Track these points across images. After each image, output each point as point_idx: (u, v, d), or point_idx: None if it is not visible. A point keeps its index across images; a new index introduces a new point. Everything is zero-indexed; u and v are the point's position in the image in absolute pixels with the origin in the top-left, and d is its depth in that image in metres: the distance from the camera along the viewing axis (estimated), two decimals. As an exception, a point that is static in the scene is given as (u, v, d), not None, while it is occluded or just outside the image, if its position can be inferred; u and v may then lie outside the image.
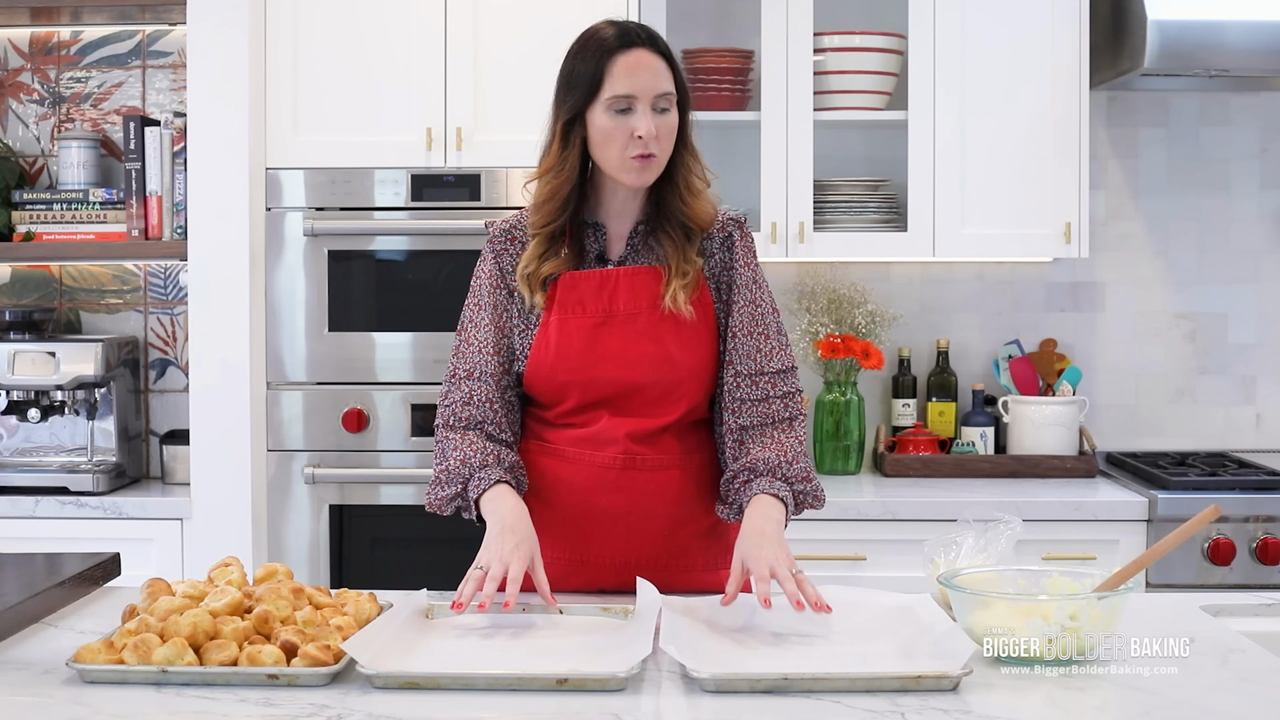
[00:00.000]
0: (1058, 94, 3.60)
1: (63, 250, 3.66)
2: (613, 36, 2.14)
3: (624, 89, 2.11)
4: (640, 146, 2.11)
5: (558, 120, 2.18)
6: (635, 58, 2.12)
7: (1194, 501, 3.29)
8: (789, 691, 1.67)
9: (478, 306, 2.25)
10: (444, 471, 2.18)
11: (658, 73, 2.13)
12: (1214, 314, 3.96)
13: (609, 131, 2.12)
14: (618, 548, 2.21)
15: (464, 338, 2.25)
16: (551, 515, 2.21)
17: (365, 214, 3.51)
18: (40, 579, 2.12)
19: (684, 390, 2.20)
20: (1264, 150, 3.95)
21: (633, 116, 2.11)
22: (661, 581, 2.10)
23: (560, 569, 2.20)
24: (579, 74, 2.14)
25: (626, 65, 2.12)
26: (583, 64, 2.14)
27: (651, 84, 2.12)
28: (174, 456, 3.67)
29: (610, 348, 2.16)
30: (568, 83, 2.17)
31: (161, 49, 3.86)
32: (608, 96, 2.12)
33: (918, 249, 3.64)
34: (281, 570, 1.99)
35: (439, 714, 1.63)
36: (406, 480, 3.51)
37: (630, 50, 2.12)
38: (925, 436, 3.76)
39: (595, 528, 2.20)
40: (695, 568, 2.24)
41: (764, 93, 3.61)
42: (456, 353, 2.24)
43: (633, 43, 2.13)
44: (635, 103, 2.11)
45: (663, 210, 2.21)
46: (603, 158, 2.15)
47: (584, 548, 2.21)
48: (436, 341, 3.50)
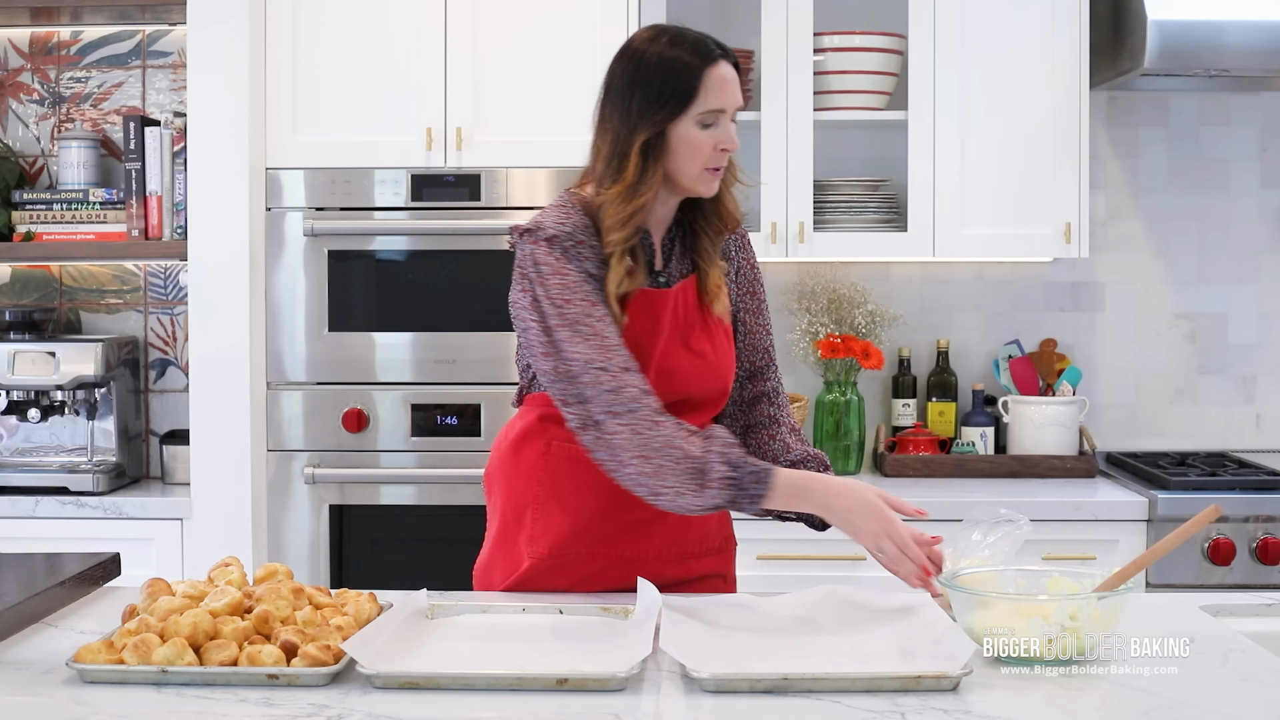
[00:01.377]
0: (1058, 94, 3.60)
1: (63, 250, 3.66)
2: (695, 49, 2.13)
3: (717, 103, 2.12)
4: (722, 159, 2.15)
5: (634, 136, 2.12)
6: (724, 71, 2.13)
7: (1194, 501, 3.29)
8: (789, 691, 1.67)
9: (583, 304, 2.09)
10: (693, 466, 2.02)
11: (739, 86, 2.17)
12: (1214, 314, 3.96)
13: (696, 144, 2.12)
14: (654, 543, 2.24)
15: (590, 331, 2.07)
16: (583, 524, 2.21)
17: (365, 214, 3.51)
18: (40, 579, 2.11)
19: (724, 392, 2.28)
20: (1264, 150, 3.95)
21: (718, 129, 2.13)
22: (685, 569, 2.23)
23: (593, 566, 2.21)
24: (667, 86, 2.11)
25: (719, 79, 2.12)
26: (670, 76, 2.11)
27: (737, 96, 2.15)
28: (174, 456, 3.67)
29: (665, 364, 2.18)
30: (649, 95, 2.12)
31: (161, 49, 3.86)
32: (700, 110, 2.11)
33: (918, 249, 3.64)
34: (281, 570, 1.98)
35: (439, 714, 1.63)
36: (406, 480, 3.51)
37: (719, 63, 2.13)
38: (925, 436, 3.76)
39: (636, 528, 2.22)
40: (714, 551, 2.32)
41: (764, 93, 3.61)
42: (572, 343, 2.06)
43: (716, 56, 2.14)
44: (722, 116, 2.13)
45: (699, 214, 2.24)
46: (681, 169, 2.13)
47: (622, 546, 2.22)
48: (436, 341, 3.50)
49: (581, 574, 2.21)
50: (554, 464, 2.22)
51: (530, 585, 2.22)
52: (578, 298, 2.09)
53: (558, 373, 2.08)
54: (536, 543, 2.22)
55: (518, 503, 2.25)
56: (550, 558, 2.21)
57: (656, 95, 2.11)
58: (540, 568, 2.21)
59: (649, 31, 2.19)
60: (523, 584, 2.22)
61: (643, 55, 2.14)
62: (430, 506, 3.51)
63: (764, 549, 3.28)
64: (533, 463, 2.24)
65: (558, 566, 2.21)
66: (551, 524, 2.21)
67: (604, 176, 2.15)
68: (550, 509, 2.21)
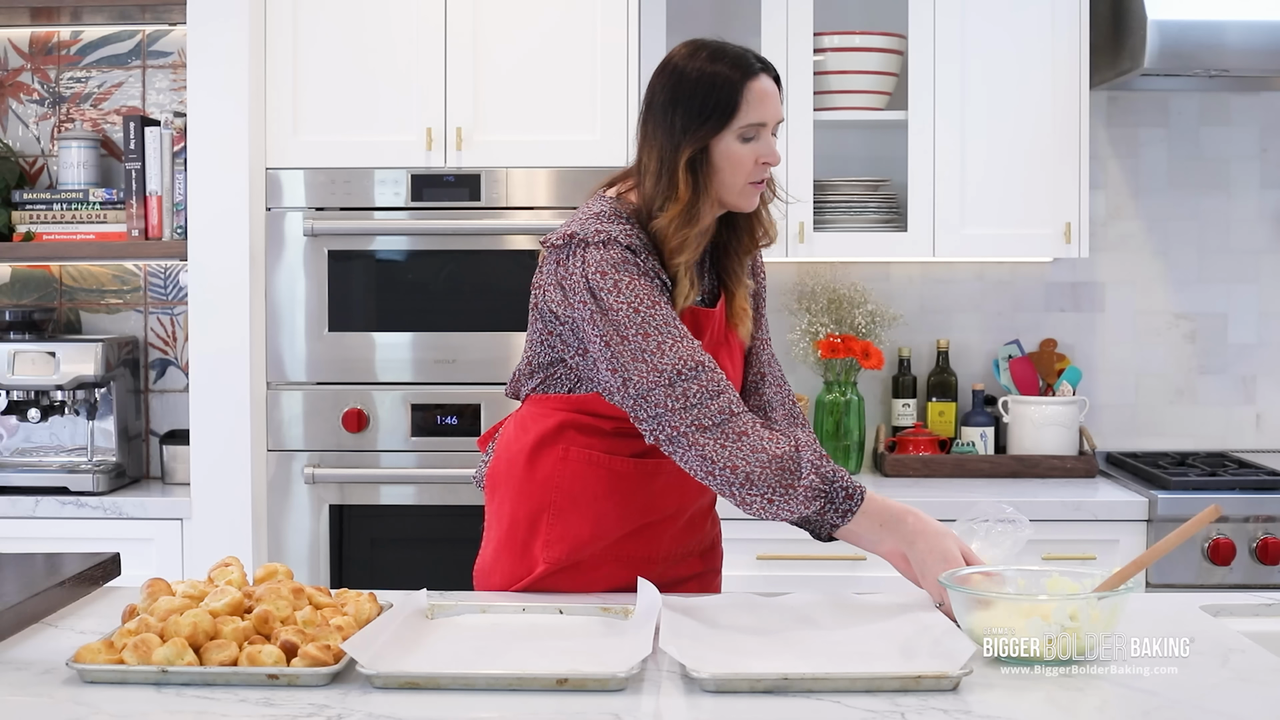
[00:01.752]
0: (1058, 94, 3.60)
1: (63, 250, 3.66)
2: (735, 63, 2.12)
3: (758, 117, 2.11)
4: (763, 172, 2.14)
5: (679, 152, 2.10)
6: (764, 85, 2.12)
7: (1194, 501, 3.29)
8: (789, 691, 1.67)
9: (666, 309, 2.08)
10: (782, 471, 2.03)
11: (779, 100, 2.16)
12: (1214, 314, 3.96)
13: (739, 159, 2.11)
14: (668, 545, 2.27)
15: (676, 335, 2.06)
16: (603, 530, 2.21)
17: (365, 214, 3.51)
18: (40, 579, 2.11)
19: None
20: (1264, 150, 3.95)
21: (759, 143, 2.13)
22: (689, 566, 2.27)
23: (608, 568, 2.22)
24: (709, 101, 2.10)
25: (759, 93, 2.11)
26: (711, 91, 2.10)
27: (777, 110, 2.15)
28: (174, 456, 3.67)
29: None
30: (691, 110, 2.11)
31: (161, 49, 3.86)
32: (742, 124, 2.11)
33: (918, 249, 3.64)
34: (281, 570, 1.98)
35: (439, 714, 1.63)
36: (406, 480, 3.51)
37: (759, 77, 2.12)
38: (925, 436, 3.76)
39: (653, 531, 2.24)
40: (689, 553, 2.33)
41: (764, 93, 3.61)
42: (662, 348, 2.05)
43: (757, 69, 2.13)
44: (763, 130, 2.13)
45: (732, 232, 2.23)
46: (725, 184, 2.13)
47: (638, 549, 2.24)
48: (436, 341, 3.50)
49: (594, 576, 2.22)
50: (572, 469, 2.21)
51: (542, 588, 2.22)
52: (663, 302, 2.08)
53: (633, 389, 2.06)
54: (553, 548, 2.21)
55: (531, 508, 2.23)
56: (566, 560, 2.21)
57: (699, 111, 2.10)
58: (555, 570, 2.22)
59: (688, 47, 2.18)
60: (534, 587, 2.22)
61: (683, 71, 2.13)
62: (430, 506, 3.51)
63: (764, 549, 3.28)
64: (550, 469, 2.22)
65: (572, 569, 2.22)
66: (569, 529, 2.21)
67: (655, 196, 2.13)
68: (568, 515, 2.21)
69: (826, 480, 2.03)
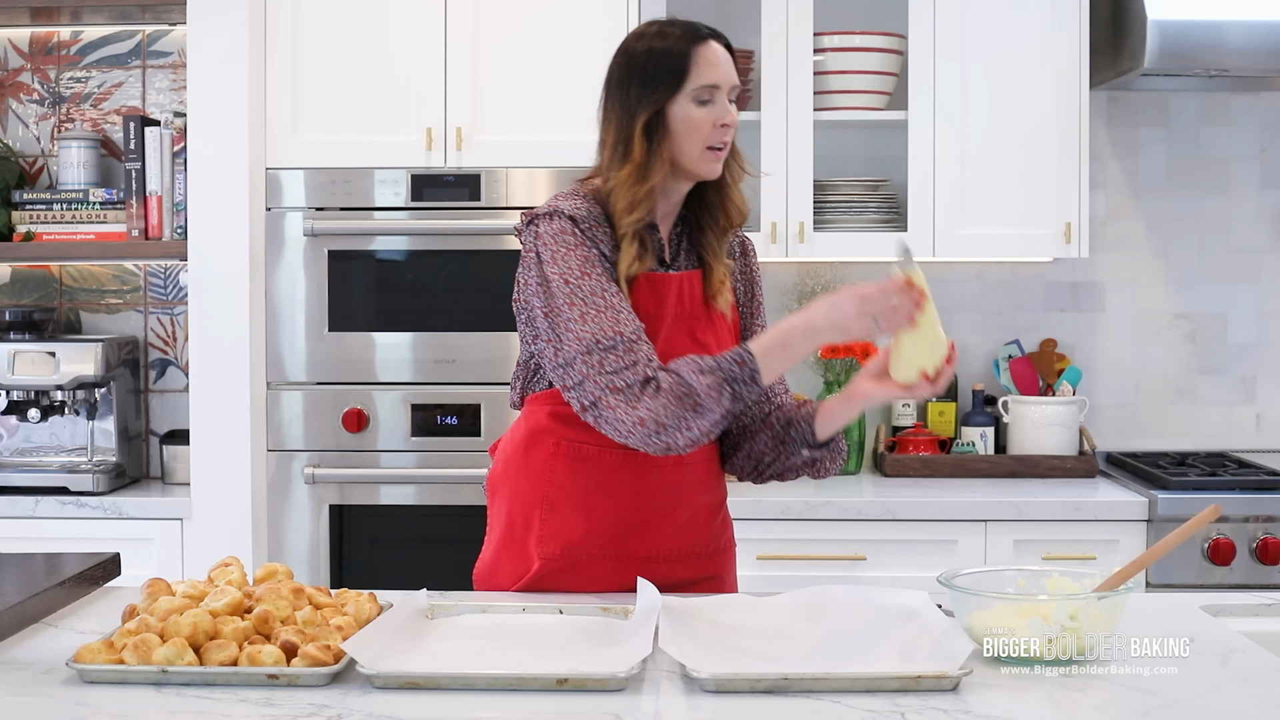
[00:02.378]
0: (1058, 94, 3.60)
1: (63, 250, 3.66)
2: (684, 32, 2.17)
3: (709, 79, 2.15)
4: (721, 135, 2.16)
5: (635, 119, 2.15)
6: (714, 49, 2.17)
7: (1194, 501, 3.29)
8: (789, 691, 1.67)
9: (602, 279, 2.10)
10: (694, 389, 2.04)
11: (732, 65, 2.19)
12: (1214, 314, 3.96)
13: (694, 122, 2.14)
14: (665, 542, 2.24)
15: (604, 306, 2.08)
16: (595, 525, 2.20)
17: (365, 214, 3.51)
18: (40, 579, 2.11)
19: None
20: (1264, 150, 3.95)
21: (714, 107, 2.15)
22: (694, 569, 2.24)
23: (604, 567, 2.21)
24: (660, 68, 2.14)
25: (710, 56, 2.16)
26: (662, 59, 2.15)
27: (730, 74, 2.18)
28: (174, 456, 3.67)
29: (671, 349, 2.17)
30: (644, 79, 2.15)
31: (161, 49, 3.86)
32: (694, 87, 2.14)
33: (918, 249, 3.63)
34: (281, 570, 1.98)
35: (439, 714, 1.63)
36: (406, 480, 3.51)
37: (707, 42, 2.17)
38: (925, 436, 3.76)
39: (647, 528, 2.22)
40: (719, 550, 2.32)
41: (764, 93, 3.61)
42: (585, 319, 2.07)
43: (705, 35, 2.17)
44: (717, 93, 2.15)
45: (704, 208, 2.25)
46: (683, 149, 2.15)
47: (634, 547, 2.22)
48: (436, 341, 3.50)
49: (591, 574, 2.21)
50: (563, 463, 2.21)
51: (540, 587, 2.21)
52: (595, 272, 2.11)
53: (560, 357, 2.10)
54: (547, 543, 2.21)
55: (526, 504, 2.24)
56: (562, 558, 2.21)
57: (651, 78, 2.15)
58: (550, 568, 2.21)
59: (639, 28, 2.24)
60: (532, 586, 2.22)
61: (634, 49, 2.19)
62: (430, 506, 3.51)
63: (764, 549, 3.28)
64: (542, 463, 2.22)
65: (568, 567, 2.21)
66: (563, 525, 2.21)
67: (611, 163, 2.17)
68: (561, 509, 2.21)
69: (712, 370, 2.04)
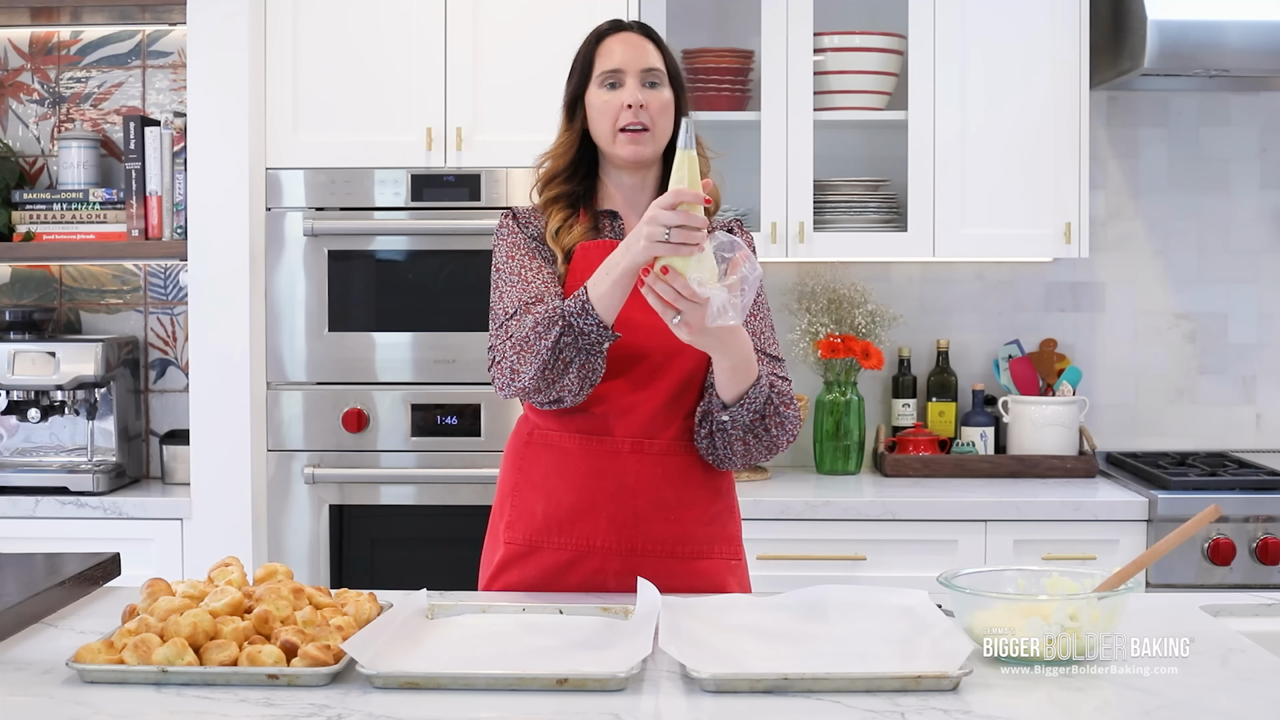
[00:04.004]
0: (1058, 94, 3.60)
1: (63, 250, 3.66)
2: (605, 26, 2.32)
3: (611, 64, 2.26)
4: (630, 116, 2.22)
5: (563, 108, 2.32)
6: (622, 37, 2.29)
7: (1194, 501, 3.29)
8: (789, 691, 1.67)
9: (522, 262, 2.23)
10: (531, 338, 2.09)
11: (643, 49, 2.27)
12: (1214, 314, 3.96)
13: (600, 106, 2.25)
14: (623, 533, 2.22)
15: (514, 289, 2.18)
16: (553, 507, 2.23)
17: (365, 214, 3.51)
18: (40, 579, 2.11)
19: (684, 358, 2.21)
20: (1264, 150, 3.95)
21: (620, 90, 2.24)
22: (664, 569, 2.18)
23: (565, 556, 2.22)
24: (577, 59, 2.31)
25: (613, 43, 2.28)
26: (581, 50, 2.31)
27: (637, 59, 2.26)
28: (174, 456, 3.67)
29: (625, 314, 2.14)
30: (571, 72, 2.31)
31: (161, 49, 3.86)
32: (598, 73, 2.26)
33: (918, 249, 3.64)
34: (281, 570, 1.98)
35: (439, 714, 1.63)
36: (406, 480, 3.51)
37: (618, 33, 2.29)
38: (925, 436, 3.76)
39: (601, 514, 2.22)
40: (700, 555, 2.26)
41: (764, 93, 3.61)
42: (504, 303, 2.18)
43: (621, 27, 2.31)
44: (623, 77, 2.25)
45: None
46: (598, 134, 2.27)
47: (590, 535, 2.22)
48: (436, 341, 3.50)
49: (552, 564, 2.22)
50: (534, 451, 2.27)
51: (505, 577, 2.24)
52: (519, 253, 2.24)
53: (490, 332, 2.20)
54: (514, 528, 2.27)
55: (503, 490, 2.31)
56: (524, 543, 2.24)
57: (574, 70, 2.31)
58: (514, 554, 2.25)
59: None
60: (499, 575, 2.25)
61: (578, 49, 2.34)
62: (430, 506, 3.51)
63: (764, 549, 3.28)
64: (518, 450, 2.30)
65: (529, 553, 2.23)
66: (526, 509, 2.25)
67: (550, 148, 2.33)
68: (527, 495, 2.26)
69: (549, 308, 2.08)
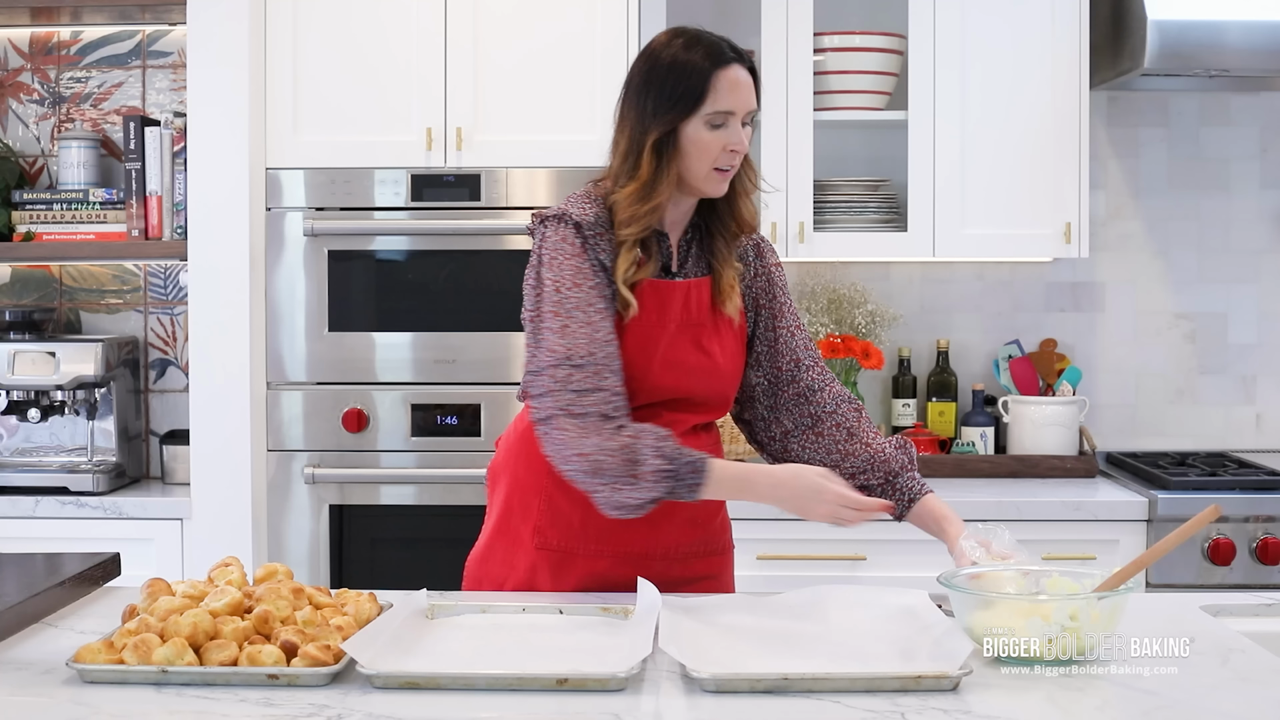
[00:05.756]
0: (1058, 94, 3.60)
1: (63, 250, 3.66)
2: (708, 52, 2.16)
3: (726, 105, 2.15)
4: (730, 160, 2.17)
5: (647, 134, 2.16)
6: (735, 74, 2.16)
7: (1194, 501, 3.29)
8: (789, 691, 1.67)
9: (589, 292, 2.13)
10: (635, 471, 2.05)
11: (751, 90, 2.19)
12: (1214, 314, 3.96)
13: (705, 145, 2.15)
14: (662, 539, 2.24)
15: (583, 320, 2.11)
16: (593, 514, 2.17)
17: (365, 214, 3.51)
18: (40, 579, 2.11)
19: (727, 396, 2.30)
20: (1264, 150, 3.95)
21: (727, 131, 2.16)
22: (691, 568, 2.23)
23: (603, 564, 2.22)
24: (679, 87, 2.15)
25: (729, 82, 2.16)
26: (682, 77, 2.15)
27: (748, 101, 2.18)
28: (174, 456, 3.67)
29: (671, 356, 2.20)
30: (662, 94, 2.16)
31: (161, 49, 3.86)
32: (709, 111, 2.15)
33: (918, 249, 3.64)
34: (281, 570, 1.98)
35: (439, 714, 1.63)
36: (406, 480, 3.51)
37: (730, 66, 2.16)
38: (925, 436, 3.76)
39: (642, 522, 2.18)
40: (721, 550, 2.34)
41: (764, 93, 3.61)
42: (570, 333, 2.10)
43: (730, 59, 2.17)
44: (731, 118, 2.16)
45: (714, 216, 2.27)
46: (690, 169, 2.17)
47: (629, 542, 2.22)
48: (436, 341, 3.50)
49: (589, 570, 2.22)
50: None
51: (539, 582, 2.22)
52: (587, 284, 2.14)
53: (533, 364, 2.13)
54: (545, 533, 2.23)
55: (525, 492, 2.26)
56: (559, 550, 2.22)
57: (669, 95, 2.15)
58: (549, 560, 2.22)
59: (668, 34, 2.23)
60: (531, 582, 2.23)
61: (659, 56, 2.18)
62: (430, 506, 3.51)
63: (764, 549, 3.28)
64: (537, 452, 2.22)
65: (565, 560, 2.22)
66: (560, 515, 2.22)
67: (620, 173, 2.20)
68: (559, 500, 2.22)
69: (670, 459, 2.05)
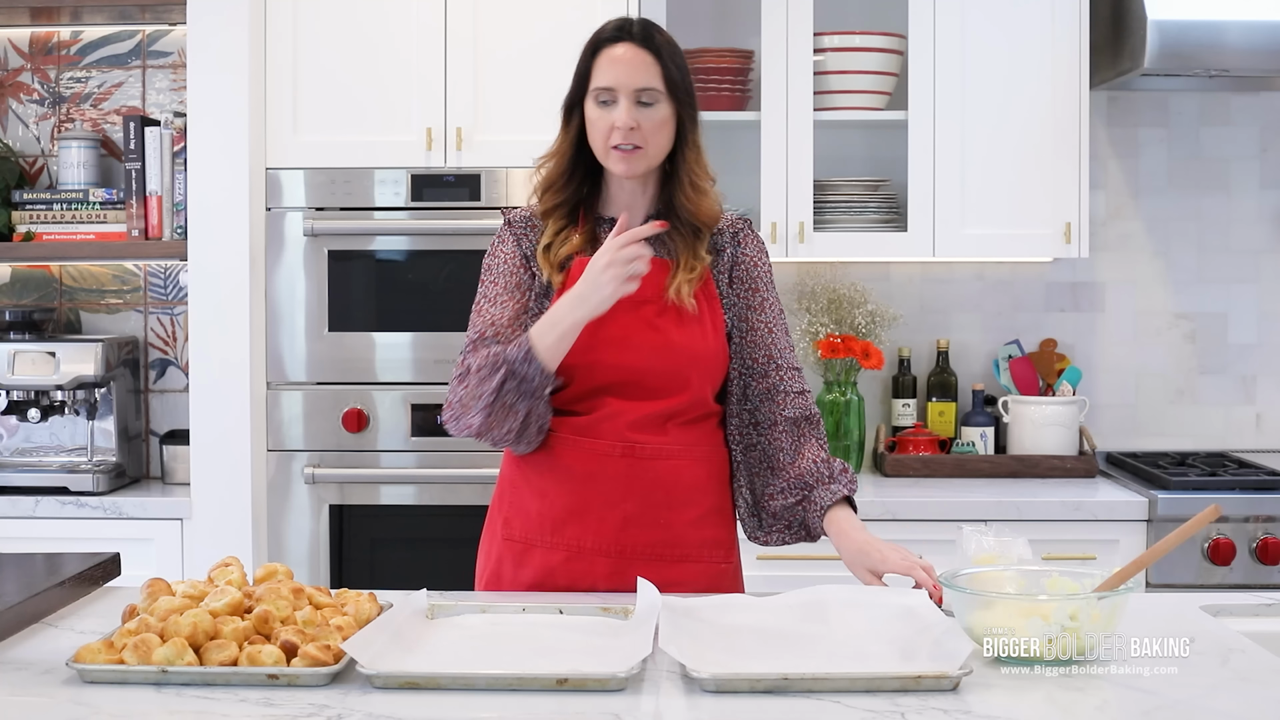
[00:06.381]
0: (1058, 94, 3.60)
1: (63, 250, 3.66)
2: (608, 31, 2.24)
3: (604, 82, 2.21)
4: (618, 137, 2.20)
5: (563, 112, 2.28)
6: (620, 52, 2.21)
7: (1194, 501, 3.29)
8: (789, 691, 1.67)
9: (498, 284, 2.27)
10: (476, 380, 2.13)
11: (640, 67, 2.20)
12: (1214, 314, 3.96)
13: (593, 122, 2.23)
14: (612, 536, 2.22)
15: (483, 314, 2.24)
16: (547, 506, 2.24)
17: (365, 214, 3.51)
18: (40, 579, 2.11)
19: (684, 377, 2.23)
20: (1264, 150, 3.95)
21: (614, 109, 2.20)
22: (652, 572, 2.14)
23: (557, 557, 2.23)
24: (578, 66, 2.26)
25: (610, 59, 2.21)
26: (581, 57, 2.25)
27: (630, 78, 2.20)
28: (174, 456, 3.67)
29: (612, 333, 2.19)
30: (573, 77, 2.27)
31: (161, 49, 3.86)
32: (593, 88, 2.22)
33: (918, 249, 3.64)
34: (281, 570, 1.98)
35: (439, 714, 1.63)
36: (406, 480, 3.51)
37: (617, 44, 2.22)
38: (925, 436, 3.76)
39: (591, 516, 2.22)
40: (688, 558, 2.26)
41: (764, 93, 3.61)
42: (473, 326, 2.24)
43: (621, 38, 2.22)
44: (616, 95, 2.20)
45: (671, 207, 2.27)
46: (593, 145, 2.25)
47: (580, 536, 2.22)
48: (436, 341, 3.50)
49: (545, 563, 2.23)
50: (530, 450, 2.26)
51: (501, 577, 2.26)
52: (498, 266, 2.28)
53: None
54: (510, 525, 2.28)
55: (501, 483, 2.33)
56: (521, 541, 2.26)
57: (575, 75, 2.27)
58: (513, 551, 2.26)
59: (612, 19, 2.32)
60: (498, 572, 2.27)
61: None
62: (430, 506, 3.51)
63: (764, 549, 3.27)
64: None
65: (526, 551, 2.25)
66: (521, 505, 2.26)
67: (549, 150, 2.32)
68: (522, 491, 2.27)
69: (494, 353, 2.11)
